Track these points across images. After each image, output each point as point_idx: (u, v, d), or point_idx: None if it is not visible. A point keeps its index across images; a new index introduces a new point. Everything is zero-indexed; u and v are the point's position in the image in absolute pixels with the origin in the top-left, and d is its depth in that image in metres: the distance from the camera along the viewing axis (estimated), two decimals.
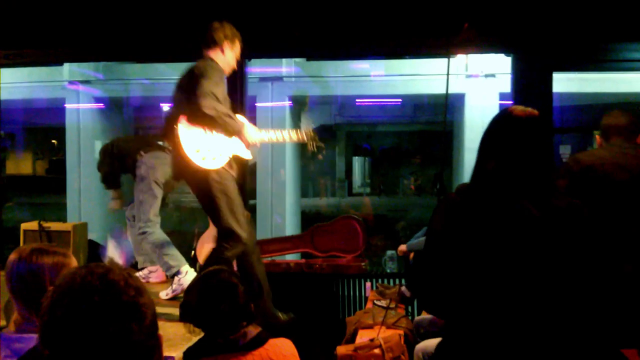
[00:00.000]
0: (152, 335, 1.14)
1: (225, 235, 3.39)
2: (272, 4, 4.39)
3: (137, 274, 4.35)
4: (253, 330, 2.05)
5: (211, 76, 3.20)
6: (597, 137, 3.16)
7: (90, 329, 1.05)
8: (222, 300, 2.01)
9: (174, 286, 3.92)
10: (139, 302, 1.11)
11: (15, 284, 1.95)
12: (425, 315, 3.55)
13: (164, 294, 3.91)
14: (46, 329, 1.09)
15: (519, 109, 1.82)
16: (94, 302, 1.07)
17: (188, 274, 3.92)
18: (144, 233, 4.11)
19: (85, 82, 10.80)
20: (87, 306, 1.06)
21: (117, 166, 4.47)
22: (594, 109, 11.94)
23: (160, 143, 4.41)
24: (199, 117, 3.17)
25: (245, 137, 3.41)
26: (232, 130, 3.33)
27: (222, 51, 3.49)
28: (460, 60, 9.60)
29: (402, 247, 4.38)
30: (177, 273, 3.95)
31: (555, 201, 1.74)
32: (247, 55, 4.70)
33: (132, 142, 4.52)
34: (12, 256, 1.99)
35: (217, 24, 3.53)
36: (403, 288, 4.17)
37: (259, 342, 2.03)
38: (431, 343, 2.98)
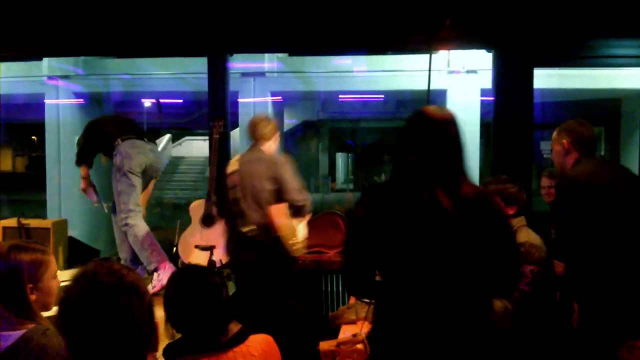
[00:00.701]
0: (149, 317, 1.50)
1: None
2: None
3: None
4: (234, 327, 2.05)
5: (291, 171, 3.68)
6: (565, 142, 3.06)
7: (100, 303, 1.42)
8: (208, 301, 2.00)
9: (154, 282, 3.89)
10: (139, 285, 1.49)
11: None
12: None
13: None
14: (63, 307, 1.45)
15: (433, 109, 2.05)
16: (103, 282, 1.45)
17: (168, 271, 3.90)
18: (126, 225, 4.06)
19: (65, 77, 10.68)
20: (98, 287, 1.44)
21: (96, 145, 4.35)
22: (574, 105, 12.08)
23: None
24: (296, 208, 3.70)
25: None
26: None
27: (273, 140, 3.86)
28: (442, 56, 9.65)
29: None
30: (157, 269, 3.92)
31: (466, 189, 1.91)
32: (228, 50, 4.68)
33: (113, 126, 4.37)
34: None
35: (262, 119, 3.88)
36: None
37: (240, 338, 2.03)
38: None
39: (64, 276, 3.28)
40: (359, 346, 3.06)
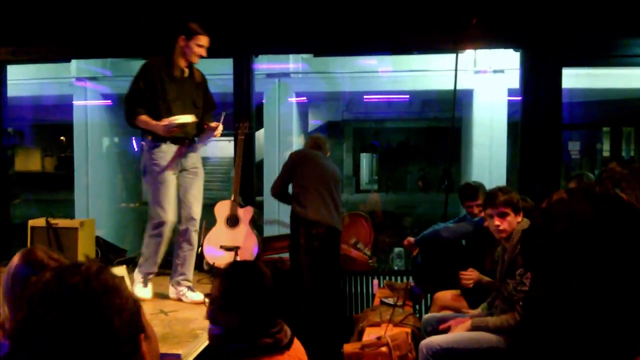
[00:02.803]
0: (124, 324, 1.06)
1: None
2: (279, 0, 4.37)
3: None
4: (287, 328, 1.96)
5: None
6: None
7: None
8: (268, 295, 1.91)
9: (174, 294, 3.72)
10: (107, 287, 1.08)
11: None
12: (433, 314, 3.53)
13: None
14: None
15: None
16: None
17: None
18: (195, 230, 3.77)
19: (93, 78, 10.80)
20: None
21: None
22: (603, 105, 11.85)
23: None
24: None
25: None
26: None
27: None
28: (469, 56, 9.55)
29: (410, 239, 4.29)
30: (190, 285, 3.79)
31: None
32: (253, 51, 4.69)
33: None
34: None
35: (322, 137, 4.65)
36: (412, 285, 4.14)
37: (292, 340, 1.95)
38: (436, 339, 2.97)
39: None
40: (383, 349, 3.04)
